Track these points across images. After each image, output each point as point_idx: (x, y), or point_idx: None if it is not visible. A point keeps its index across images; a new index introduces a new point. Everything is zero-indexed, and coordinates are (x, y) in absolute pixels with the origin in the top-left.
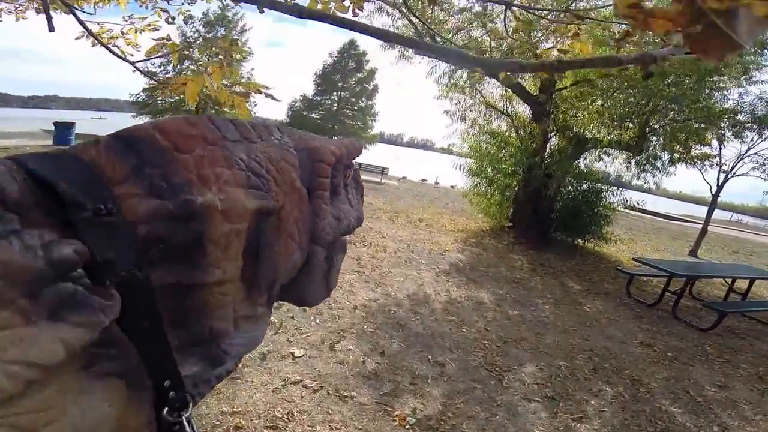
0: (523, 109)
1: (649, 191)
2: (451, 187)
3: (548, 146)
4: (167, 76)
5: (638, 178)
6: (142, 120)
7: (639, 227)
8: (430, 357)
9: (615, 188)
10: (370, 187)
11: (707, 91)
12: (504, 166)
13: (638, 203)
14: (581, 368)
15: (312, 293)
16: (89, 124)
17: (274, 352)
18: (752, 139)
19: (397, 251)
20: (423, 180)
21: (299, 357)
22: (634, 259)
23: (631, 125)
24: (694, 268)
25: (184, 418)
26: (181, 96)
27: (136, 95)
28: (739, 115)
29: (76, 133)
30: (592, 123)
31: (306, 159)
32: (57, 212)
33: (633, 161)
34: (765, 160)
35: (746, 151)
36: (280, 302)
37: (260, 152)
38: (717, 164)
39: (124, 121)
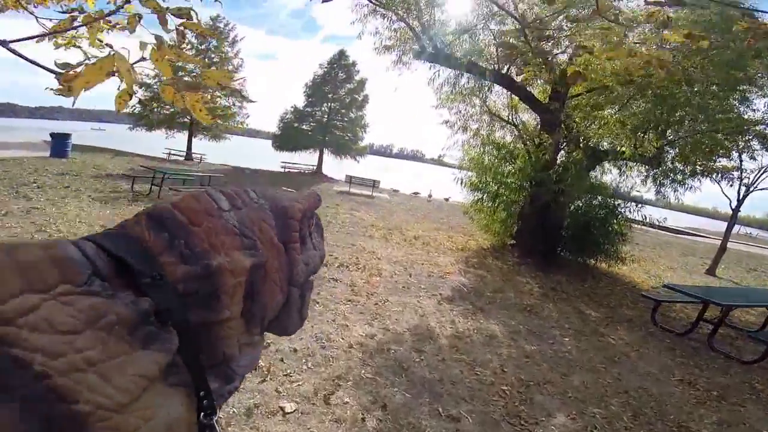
0: (529, 118)
1: (651, 203)
2: (445, 200)
3: (558, 158)
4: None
5: (657, 192)
6: (139, 131)
7: (645, 242)
8: (440, 409)
9: (633, 204)
10: (361, 201)
11: (736, 101)
12: (510, 180)
13: (658, 221)
14: (619, 415)
15: (291, 324)
16: (89, 135)
17: (262, 406)
18: None
19: (393, 275)
20: (415, 193)
21: (290, 413)
22: (665, 286)
23: (648, 137)
24: (730, 293)
25: (214, 420)
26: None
27: (133, 107)
28: None
29: (74, 144)
30: (610, 134)
31: (279, 218)
32: (125, 277)
33: (651, 174)
34: None
35: None
36: (268, 342)
37: (246, 217)
38: (738, 178)
39: (121, 131)
